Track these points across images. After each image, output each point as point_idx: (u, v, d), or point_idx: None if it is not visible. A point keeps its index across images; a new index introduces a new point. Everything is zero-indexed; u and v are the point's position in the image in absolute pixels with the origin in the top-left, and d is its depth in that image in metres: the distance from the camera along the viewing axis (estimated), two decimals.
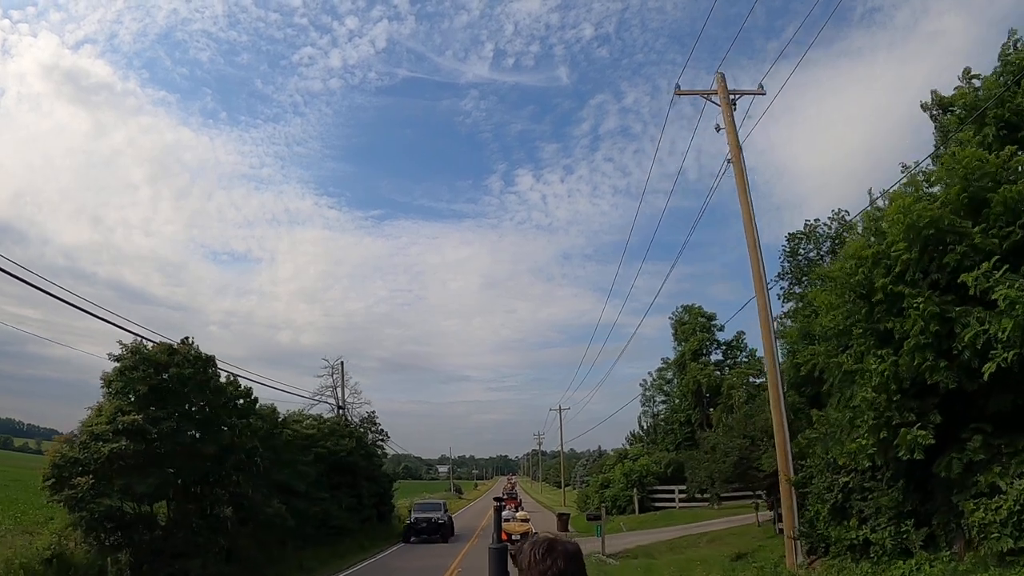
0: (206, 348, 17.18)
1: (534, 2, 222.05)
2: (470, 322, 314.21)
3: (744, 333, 39.36)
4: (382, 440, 38.64)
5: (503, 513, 20.77)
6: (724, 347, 40.08)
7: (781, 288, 21.96)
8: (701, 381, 36.62)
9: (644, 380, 44.97)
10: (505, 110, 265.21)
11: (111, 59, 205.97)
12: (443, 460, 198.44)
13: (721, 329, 39.57)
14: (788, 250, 21.62)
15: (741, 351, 39.54)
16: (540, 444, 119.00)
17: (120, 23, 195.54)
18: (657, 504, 35.60)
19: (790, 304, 21.22)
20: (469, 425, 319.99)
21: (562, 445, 68.41)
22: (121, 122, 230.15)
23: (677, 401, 40.72)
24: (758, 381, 29.96)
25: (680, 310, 41.97)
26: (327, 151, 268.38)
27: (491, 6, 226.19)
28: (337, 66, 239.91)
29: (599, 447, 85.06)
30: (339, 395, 37.39)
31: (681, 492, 34.19)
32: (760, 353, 25.17)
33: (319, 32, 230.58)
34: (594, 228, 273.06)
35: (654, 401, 45.51)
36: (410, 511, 36.11)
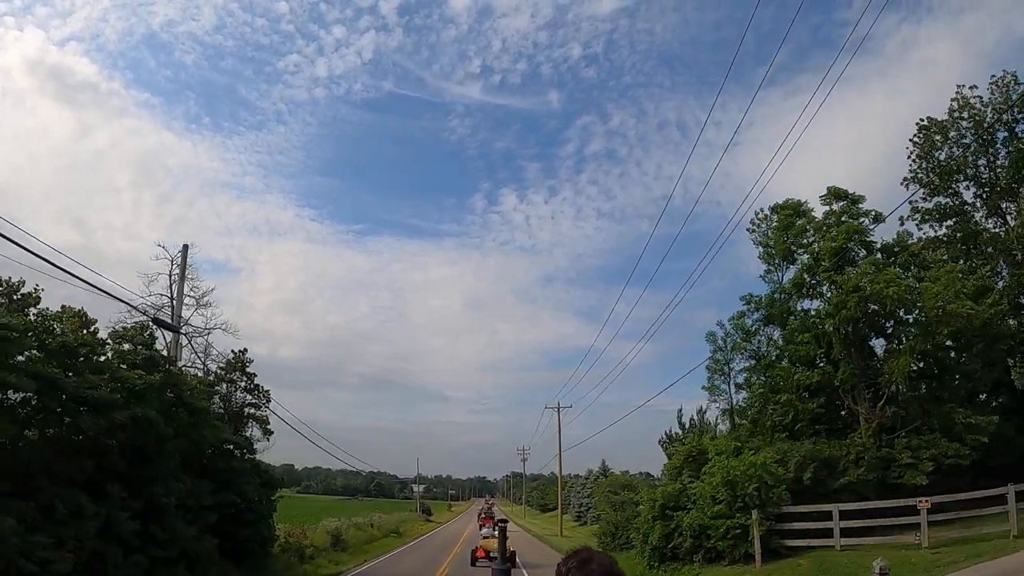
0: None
1: (523, 19, 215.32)
2: (452, 342, 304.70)
3: None
4: (256, 404, 20.45)
5: (483, 530, 27.09)
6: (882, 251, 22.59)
7: None
8: (876, 292, 18.93)
9: (717, 332, 27.26)
10: (490, 127, 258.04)
11: (96, 58, 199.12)
12: (420, 479, 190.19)
13: (877, 220, 22.17)
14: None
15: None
16: (525, 459, 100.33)
17: (106, 21, 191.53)
18: (790, 542, 17.74)
19: None
20: (449, 446, 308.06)
21: (560, 454, 50.33)
22: (105, 123, 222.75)
23: (798, 352, 22.99)
24: None
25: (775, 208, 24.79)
26: (310, 162, 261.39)
27: (479, 21, 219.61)
28: (323, 75, 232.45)
29: (603, 461, 66.90)
30: (174, 304, 19.32)
31: (848, 513, 16.61)
32: None
33: (305, 40, 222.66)
34: (578, 251, 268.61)
35: (728, 371, 27.79)
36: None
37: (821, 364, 22.42)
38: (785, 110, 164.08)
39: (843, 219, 22.25)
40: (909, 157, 26.48)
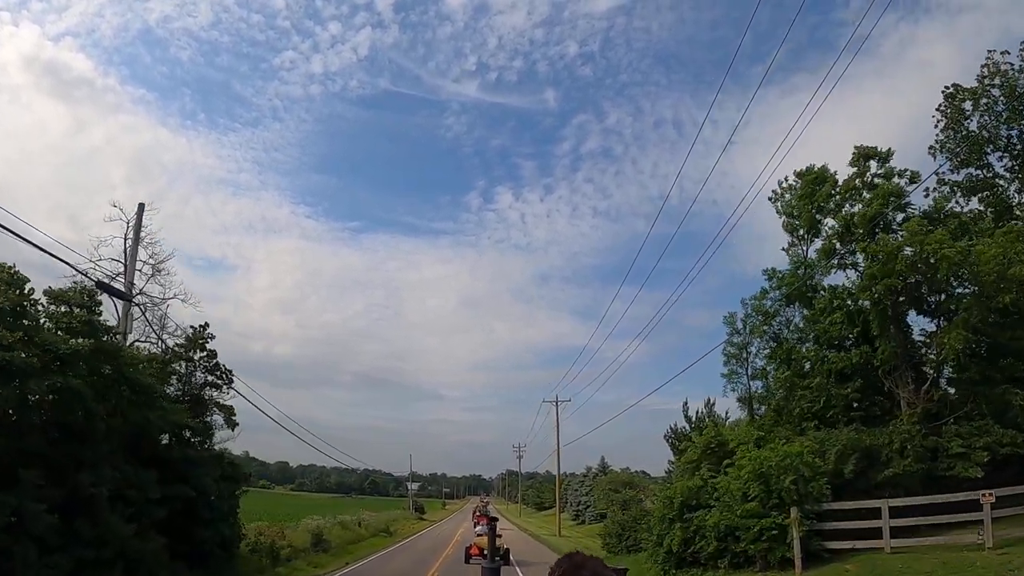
0: None
1: (519, 16, 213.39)
2: (447, 341, 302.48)
3: None
4: (217, 385, 17.98)
5: (477, 528, 26.79)
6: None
7: None
8: (930, 253, 16.61)
9: (738, 311, 24.92)
10: (486, 125, 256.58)
11: (92, 53, 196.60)
12: (414, 477, 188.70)
13: (913, 180, 19.90)
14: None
15: None
16: (521, 456, 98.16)
17: (101, 16, 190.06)
18: (832, 544, 15.40)
19: None
20: (444, 445, 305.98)
21: (559, 449, 47.98)
22: (100, 119, 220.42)
23: (827, 333, 20.69)
24: None
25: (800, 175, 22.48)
26: (305, 159, 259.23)
27: (475, 18, 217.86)
28: (318, 72, 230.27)
29: (602, 458, 64.62)
30: (127, 268, 16.87)
31: (897, 509, 14.35)
32: None
33: (301, 36, 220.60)
34: (573, 250, 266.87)
35: (746, 355, 25.50)
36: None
37: (853, 345, 20.10)
38: (781, 109, 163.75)
39: (875, 181, 19.99)
40: (935, 127, 24.25)
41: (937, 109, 24.53)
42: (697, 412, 38.45)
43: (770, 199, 23.63)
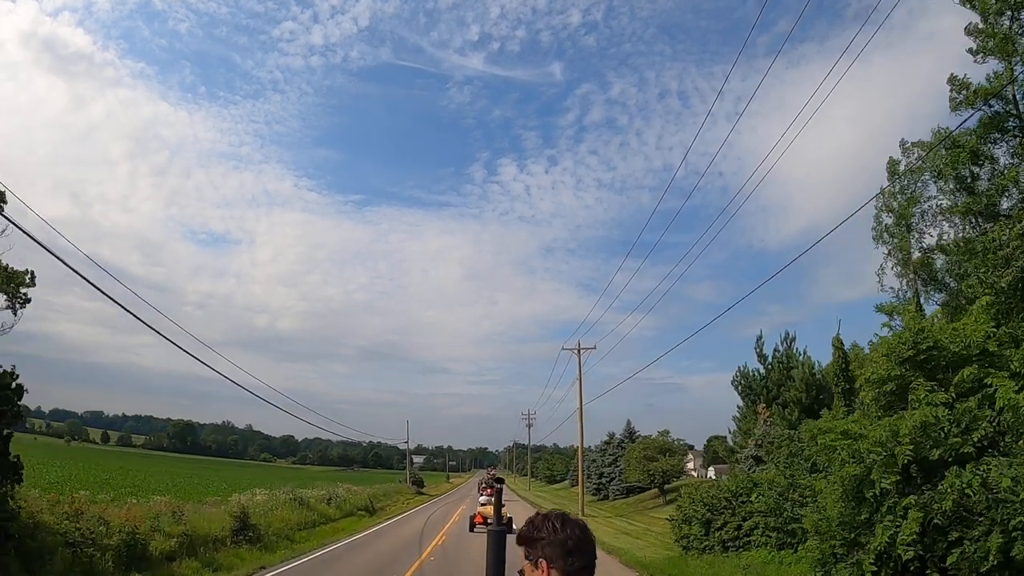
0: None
1: None
2: (450, 313, 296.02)
3: None
4: None
5: (481, 498, 28.32)
6: None
7: None
8: None
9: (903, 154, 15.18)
10: (489, 96, 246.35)
11: (90, 28, 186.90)
12: (419, 450, 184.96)
13: None
14: None
15: None
16: (530, 424, 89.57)
17: None
18: None
19: None
20: (448, 417, 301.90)
21: (581, 408, 38.61)
22: (99, 94, 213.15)
23: None
24: None
25: None
26: (307, 131, 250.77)
27: None
28: (318, 43, 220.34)
29: (628, 422, 55.36)
30: None
31: None
32: None
33: (300, 6, 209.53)
34: (577, 222, 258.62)
35: (909, 217, 15.82)
36: None
37: None
38: (788, 80, 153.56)
39: None
40: None
41: None
42: (775, 347, 29.19)
43: None
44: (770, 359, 28.66)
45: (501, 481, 4.50)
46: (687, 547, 16.09)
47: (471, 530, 24.40)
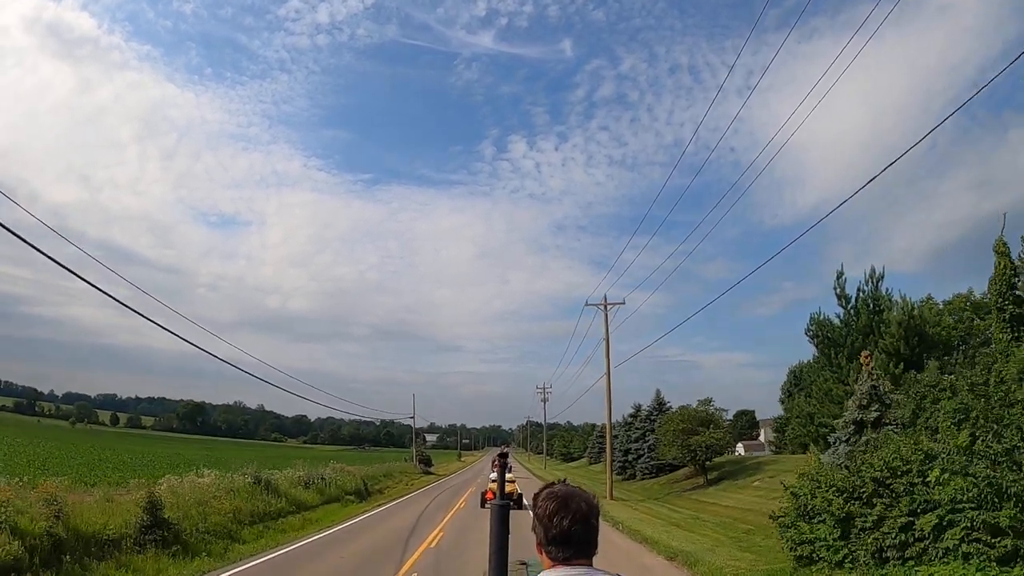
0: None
1: None
2: (463, 292, 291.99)
3: None
4: None
5: (492, 475, 28.00)
6: None
7: None
8: None
9: None
10: (498, 73, 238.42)
11: (95, 11, 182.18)
12: (432, 429, 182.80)
13: None
14: None
15: None
16: (546, 399, 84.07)
17: None
18: None
19: None
20: (462, 396, 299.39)
21: (609, 371, 32.82)
22: (106, 78, 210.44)
23: None
24: None
25: None
26: (315, 111, 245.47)
27: None
28: (324, 22, 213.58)
29: (657, 392, 49.46)
30: None
31: None
32: None
33: None
34: (588, 199, 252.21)
35: None
36: None
37: None
38: (799, 55, 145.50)
39: None
40: None
41: None
42: (858, 287, 23.11)
43: None
44: (854, 301, 22.58)
45: (505, 455, 3.56)
46: (808, 557, 10.33)
47: (483, 506, 24.00)
